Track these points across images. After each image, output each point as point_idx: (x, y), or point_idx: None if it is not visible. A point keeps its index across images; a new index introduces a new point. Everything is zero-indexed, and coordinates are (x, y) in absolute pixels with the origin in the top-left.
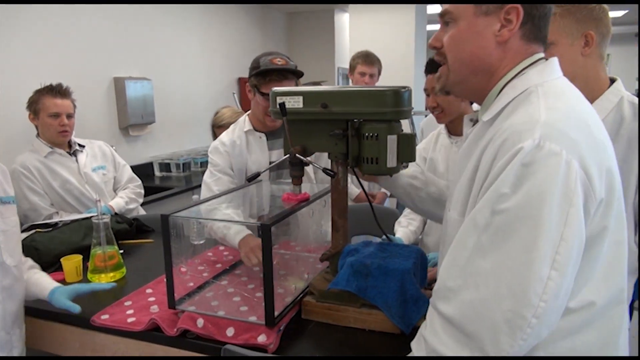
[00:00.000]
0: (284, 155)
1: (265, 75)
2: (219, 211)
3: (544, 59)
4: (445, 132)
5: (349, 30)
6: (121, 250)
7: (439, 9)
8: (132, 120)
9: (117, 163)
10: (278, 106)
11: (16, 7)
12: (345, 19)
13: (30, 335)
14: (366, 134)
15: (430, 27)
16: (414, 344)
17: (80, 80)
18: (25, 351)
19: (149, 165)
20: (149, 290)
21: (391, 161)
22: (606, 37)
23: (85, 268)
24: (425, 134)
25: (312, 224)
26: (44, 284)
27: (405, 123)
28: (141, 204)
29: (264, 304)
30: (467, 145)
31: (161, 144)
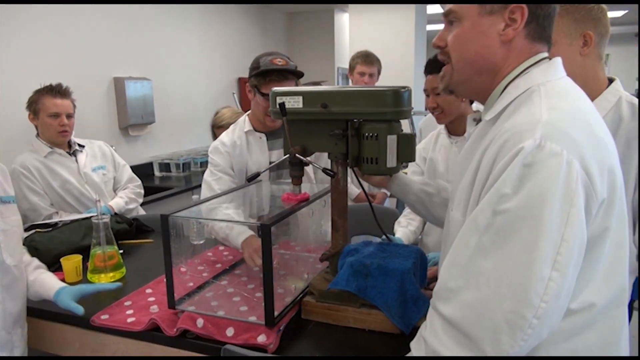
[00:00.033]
0: (284, 155)
1: (266, 76)
2: (220, 211)
3: (548, 58)
4: (445, 132)
5: (348, 30)
6: (121, 250)
7: (438, 9)
8: (132, 120)
9: (117, 163)
10: (278, 106)
11: (16, 7)
12: (345, 19)
13: (30, 335)
14: (366, 134)
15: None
16: (413, 344)
17: (80, 80)
18: (27, 351)
19: (149, 165)
20: (148, 290)
21: (391, 161)
22: (605, 37)
23: (85, 268)
24: (423, 134)
25: (312, 224)
26: (50, 284)
27: (405, 123)
28: (141, 204)
29: (263, 304)
30: (470, 144)
31: (161, 144)
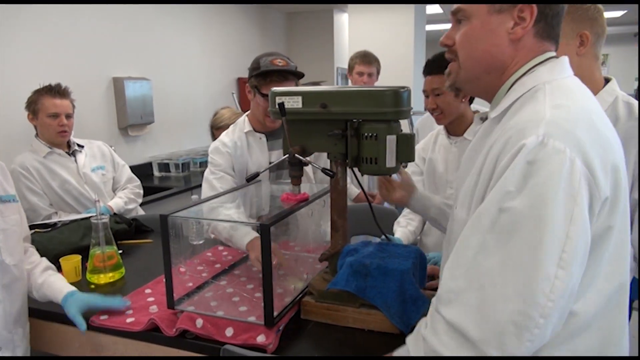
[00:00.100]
0: (283, 155)
1: (266, 76)
2: (222, 211)
3: (555, 57)
4: (445, 133)
5: (348, 30)
6: (120, 251)
7: (438, 9)
8: (131, 120)
9: (116, 163)
10: (277, 106)
11: (16, 7)
12: (344, 19)
13: (29, 335)
14: (365, 134)
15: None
16: (410, 340)
17: (79, 80)
18: (29, 351)
19: (148, 166)
20: (148, 291)
21: (390, 161)
22: (601, 37)
23: (84, 268)
24: (420, 134)
25: (312, 224)
26: (58, 287)
27: (404, 123)
28: (140, 204)
29: (263, 304)
30: (475, 142)
31: (160, 144)
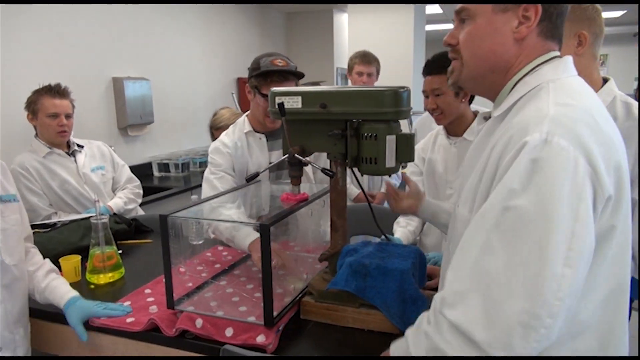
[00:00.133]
0: (283, 155)
1: (266, 77)
2: (222, 211)
3: (559, 56)
4: (444, 133)
5: (347, 30)
6: (120, 251)
7: (437, 10)
8: (131, 120)
9: (116, 163)
10: (277, 106)
11: (15, 8)
12: (344, 19)
13: None
14: (365, 134)
15: (429, 27)
16: (410, 334)
17: (79, 80)
18: (30, 351)
19: (148, 166)
20: (147, 291)
21: (390, 161)
22: (599, 37)
23: (83, 268)
24: (419, 134)
25: (311, 224)
26: (61, 292)
27: (403, 123)
28: (140, 204)
29: (262, 304)
30: (478, 141)
31: (160, 144)
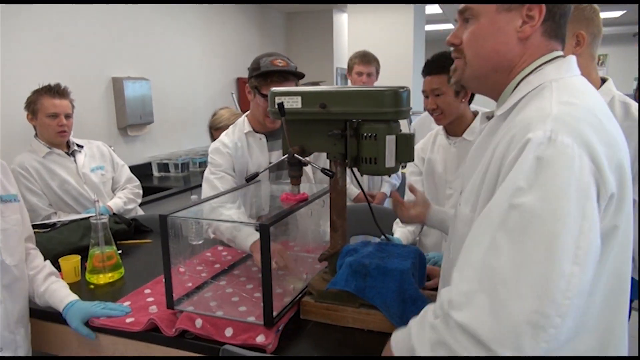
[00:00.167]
0: (283, 155)
1: (266, 77)
2: (223, 211)
3: (562, 56)
4: (444, 133)
5: (347, 30)
6: (119, 251)
7: (437, 10)
8: (131, 120)
9: (116, 163)
10: (277, 106)
11: (15, 8)
12: (344, 19)
13: None
14: (365, 134)
15: (429, 27)
16: (414, 325)
17: (79, 80)
18: (31, 351)
19: (148, 166)
20: (147, 291)
21: (390, 161)
22: (597, 37)
23: (83, 268)
24: (417, 134)
25: (311, 224)
26: (60, 297)
27: (403, 123)
28: (139, 204)
29: (262, 304)
30: (481, 140)
31: (159, 144)
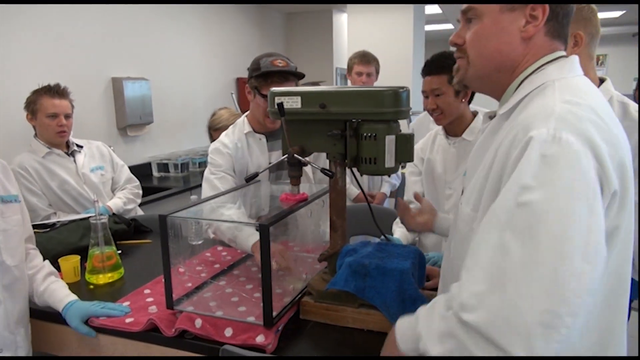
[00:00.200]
0: (282, 155)
1: (267, 77)
2: (223, 212)
3: (565, 56)
4: (443, 133)
5: (347, 30)
6: (119, 251)
7: (437, 10)
8: (130, 120)
9: (115, 163)
10: (276, 106)
11: (15, 8)
12: (343, 19)
13: None
14: (364, 134)
15: (429, 28)
16: (423, 314)
17: (78, 80)
18: (31, 351)
19: (147, 166)
20: (147, 291)
21: (389, 161)
22: (595, 38)
23: (83, 268)
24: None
25: (311, 224)
26: (59, 296)
27: (402, 123)
28: (139, 204)
29: (262, 304)
30: (483, 139)
31: (159, 144)
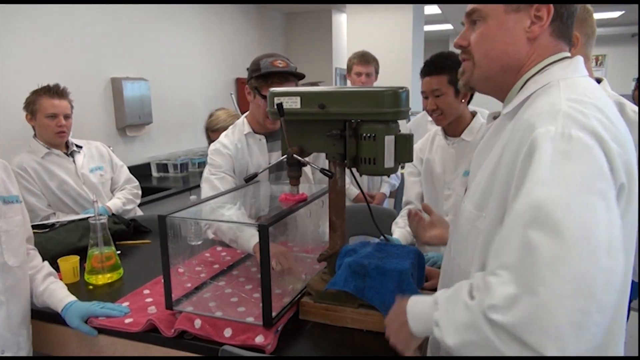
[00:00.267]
0: (282, 156)
1: (267, 78)
2: (223, 212)
3: (569, 57)
4: (442, 134)
5: (346, 30)
6: (118, 251)
7: (436, 10)
8: (130, 120)
9: (115, 164)
10: (276, 106)
11: (14, 8)
12: (343, 20)
13: None
14: (364, 135)
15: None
16: (444, 299)
17: (78, 80)
18: (32, 352)
19: (147, 166)
20: (146, 291)
21: (389, 162)
22: (591, 38)
23: (82, 269)
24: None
25: (310, 224)
26: (59, 297)
27: (402, 123)
28: (138, 205)
29: (261, 305)
30: (487, 138)
31: (158, 145)
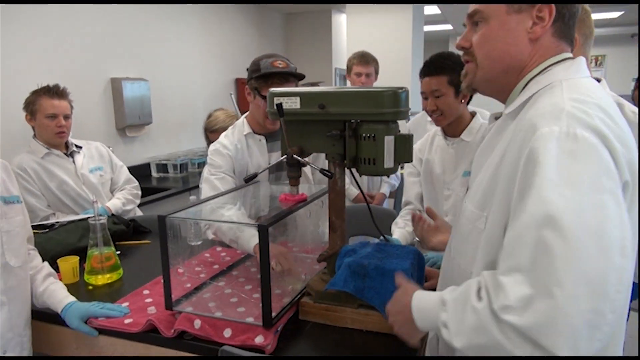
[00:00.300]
0: (282, 156)
1: (267, 79)
2: (223, 212)
3: (571, 58)
4: (441, 134)
5: (346, 31)
6: (118, 252)
7: (436, 10)
8: (129, 121)
9: (114, 164)
10: (275, 107)
11: (14, 8)
12: (342, 20)
13: None
14: (363, 135)
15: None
16: (451, 300)
17: (77, 81)
18: (32, 352)
19: (146, 166)
20: (146, 292)
21: (388, 162)
22: (589, 38)
23: (82, 269)
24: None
25: (310, 224)
26: (59, 297)
27: (401, 123)
28: (138, 205)
29: (261, 305)
30: (489, 139)
31: (158, 145)
